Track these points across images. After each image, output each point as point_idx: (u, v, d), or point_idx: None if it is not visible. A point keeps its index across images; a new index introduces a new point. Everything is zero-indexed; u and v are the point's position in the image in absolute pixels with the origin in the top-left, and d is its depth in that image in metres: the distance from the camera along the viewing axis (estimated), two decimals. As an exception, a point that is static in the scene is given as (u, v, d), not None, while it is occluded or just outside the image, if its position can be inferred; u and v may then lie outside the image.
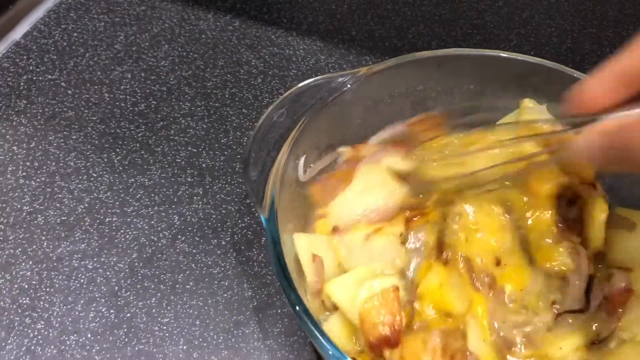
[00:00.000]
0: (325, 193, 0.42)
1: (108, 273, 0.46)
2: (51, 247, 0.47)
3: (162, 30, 0.63)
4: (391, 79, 0.46)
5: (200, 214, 0.50)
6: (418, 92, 0.48)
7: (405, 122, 0.45)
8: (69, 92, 0.57)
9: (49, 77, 0.58)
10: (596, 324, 0.38)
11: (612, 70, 0.30)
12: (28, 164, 0.52)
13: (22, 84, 0.57)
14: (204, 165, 0.52)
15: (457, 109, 0.47)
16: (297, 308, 0.34)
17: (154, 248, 0.48)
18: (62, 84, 0.58)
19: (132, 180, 0.52)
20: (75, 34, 0.61)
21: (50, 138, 0.54)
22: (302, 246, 0.39)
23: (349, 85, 0.44)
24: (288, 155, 0.40)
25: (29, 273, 0.46)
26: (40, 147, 0.53)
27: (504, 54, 0.47)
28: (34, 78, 0.58)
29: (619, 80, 0.30)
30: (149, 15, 0.64)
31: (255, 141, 0.41)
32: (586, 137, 0.30)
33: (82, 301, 0.45)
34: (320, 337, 0.33)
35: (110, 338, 0.43)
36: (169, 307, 0.45)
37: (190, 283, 0.46)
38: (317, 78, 0.44)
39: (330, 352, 0.33)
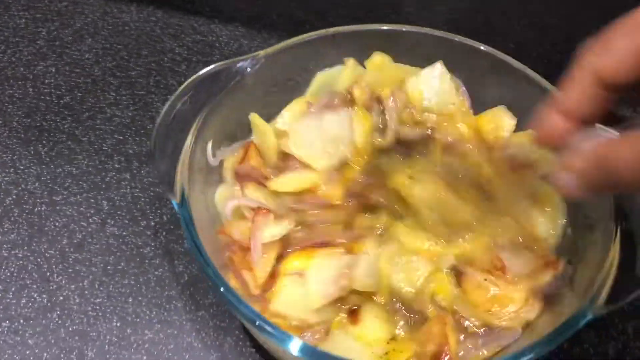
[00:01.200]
0: None
1: (39, 260, 0.47)
2: (-20, 239, 0.48)
3: (85, 24, 0.63)
4: (289, 60, 0.48)
5: (129, 197, 0.51)
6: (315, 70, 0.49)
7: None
8: (-8, 88, 0.57)
9: (-29, 75, 0.58)
10: None
11: (557, 110, 0.33)
12: (-48, 161, 0.52)
13: (-58, 83, 0.57)
14: (130, 151, 0.54)
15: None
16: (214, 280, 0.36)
17: (84, 233, 0.49)
18: (-16, 81, 0.58)
19: (60, 170, 0.52)
20: (-5, 32, 0.62)
21: (-26, 134, 0.54)
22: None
23: (248, 69, 0.45)
24: (194, 141, 0.41)
25: (-42, 266, 0.46)
26: (-36, 143, 0.53)
27: (399, 27, 0.49)
28: (-45, 77, 0.58)
29: (566, 117, 0.33)
30: (71, 10, 0.64)
31: (160, 130, 0.41)
32: (567, 175, 0.32)
33: (13, 289, 0.46)
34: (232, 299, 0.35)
35: (44, 322, 0.44)
36: (101, 288, 0.46)
37: (122, 264, 0.47)
38: (216, 64, 0.45)
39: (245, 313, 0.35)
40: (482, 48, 0.48)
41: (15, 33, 0.62)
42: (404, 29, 0.49)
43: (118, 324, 0.44)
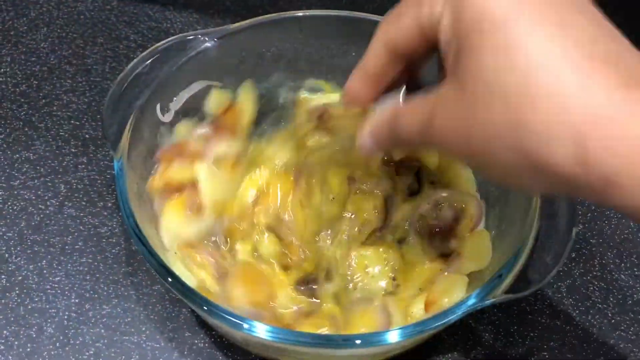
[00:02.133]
0: None
1: (-3, 242, 0.48)
2: (-62, 224, 0.49)
3: (40, 14, 0.64)
4: (254, 38, 0.49)
5: (86, 180, 0.52)
6: (281, 51, 0.51)
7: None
8: (-52, 78, 0.58)
9: None
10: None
11: (359, 75, 0.35)
12: None
13: None
14: (87, 136, 0.55)
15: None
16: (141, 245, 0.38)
17: (42, 216, 0.50)
18: (-60, 71, 0.58)
19: (17, 156, 0.53)
20: (-50, 23, 0.62)
21: None
22: None
23: (214, 41, 0.47)
24: (146, 102, 0.43)
25: None
26: None
27: (359, 15, 0.50)
28: None
29: (367, 82, 0.35)
30: (26, 0, 0.65)
31: (117, 90, 0.43)
32: (363, 134, 0.35)
33: (-28, 270, 0.47)
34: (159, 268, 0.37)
35: (3, 301, 0.46)
36: (59, 267, 0.47)
37: (80, 243, 0.49)
38: (181, 34, 0.46)
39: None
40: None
41: (-31, 24, 0.62)
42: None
43: (76, 301, 0.46)
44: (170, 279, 0.36)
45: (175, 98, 0.46)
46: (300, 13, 0.50)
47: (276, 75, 0.51)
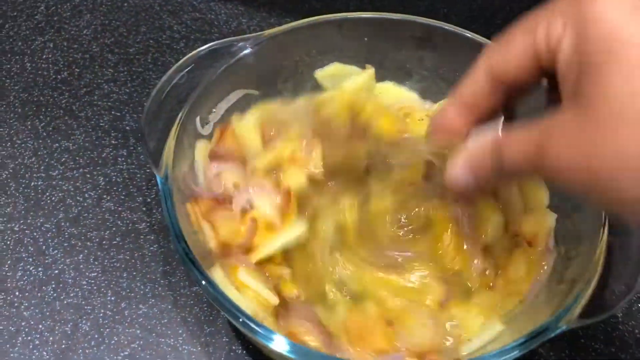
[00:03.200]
0: None
1: (35, 234, 0.47)
2: (-24, 212, 0.48)
3: (84, 0, 0.63)
4: (291, 43, 0.47)
5: (125, 174, 0.51)
6: (320, 55, 0.49)
7: None
8: (-10, 63, 0.57)
9: (-32, 49, 0.58)
10: None
11: (454, 103, 0.33)
12: (-51, 134, 0.52)
13: (-60, 56, 0.57)
14: (127, 128, 0.54)
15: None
16: (188, 259, 0.36)
17: (80, 208, 0.49)
18: (-18, 55, 0.58)
19: (57, 145, 0.52)
20: (-7, 6, 0.61)
21: (-29, 108, 0.54)
22: None
23: (250, 49, 0.45)
24: (186, 115, 0.41)
25: (-46, 238, 0.47)
26: (-39, 117, 0.53)
27: (400, 17, 0.48)
28: (-47, 50, 0.58)
29: (462, 111, 0.33)
30: (70, -15, 0.64)
31: (154, 103, 0.41)
32: (457, 168, 0.33)
33: (9, 262, 0.46)
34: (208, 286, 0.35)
35: (39, 294, 0.45)
36: (96, 262, 0.46)
37: (117, 239, 0.48)
38: (218, 41, 0.45)
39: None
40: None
41: (13, 7, 0.61)
42: (409, 19, 0.48)
43: (112, 298, 0.45)
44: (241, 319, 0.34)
45: (214, 110, 0.45)
46: (338, 16, 0.49)
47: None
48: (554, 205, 0.43)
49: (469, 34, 0.47)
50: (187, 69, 0.43)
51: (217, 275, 0.38)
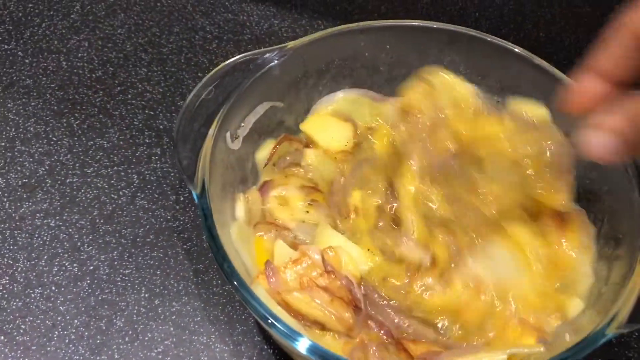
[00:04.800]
0: None
1: (70, 230, 0.48)
2: (13, 207, 0.49)
3: (118, 0, 0.64)
4: (316, 53, 0.47)
5: (159, 172, 0.52)
6: (344, 64, 0.49)
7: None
8: (27, 61, 0.58)
9: (6, 47, 0.59)
10: None
11: (593, 70, 0.31)
12: (-12, 130, 0.53)
13: (-22, 54, 0.58)
14: (161, 127, 0.54)
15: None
16: (232, 279, 0.36)
17: (114, 205, 0.50)
18: (19, 53, 0.59)
19: (92, 142, 0.53)
20: (30, 5, 0.62)
21: (9, 105, 0.55)
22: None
23: (275, 61, 0.45)
24: (217, 131, 0.41)
25: (-8, 233, 0.48)
26: (-1, 114, 0.54)
27: (424, 23, 0.48)
28: (-9, 48, 0.59)
29: (604, 78, 0.31)
30: (104, -15, 0.65)
31: (184, 119, 0.41)
32: (601, 135, 0.30)
33: (45, 257, 0.47)
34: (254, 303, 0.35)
35: (74, 290, 0.45)
36: (130, 259, 0.47)
37: (151, 236, 0.48)
38: (243, 54, 0.45)
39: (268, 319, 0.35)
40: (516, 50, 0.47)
41: (49, 7, 0.62)
42: (435, 26, 0.48)
43: (146, 295, 0.45)
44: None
45: (242, 124, 0.45)
46: (362, 25, 0.48)
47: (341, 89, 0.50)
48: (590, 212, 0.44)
49: (490, 38, 0.47)
50: (214, 84, 0.43)
51: (260, 292, 0.38)
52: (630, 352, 0.44)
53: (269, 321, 0.34)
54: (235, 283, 0.36)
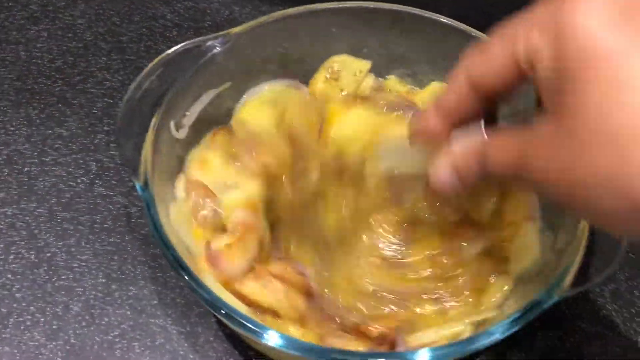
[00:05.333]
0: None
1: (27, 218, 0.48)
2: (-30, 197, 0.49)
3: (78, -10, 0.64)
4: (261, 39, 0.47)
5: (117, 159, 0.51)
6: (289, 51, 0.48)
7: None
8: (-16, 52, 0.58)
9: (-36, 38, 0.59)
10: None
11: (435, 109, 0.33)
12: (-55, 121, 0.53)
13: (-64, 46, 0.58)
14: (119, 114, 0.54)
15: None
16: (177, 268, 0.35)
17: (72, 193, 0.50)
18: (-23, 44, 0.58)
19: (50, 131, 0.53)
20: (-12, -4, 0.62)
21: (-34, 96, 0.55)
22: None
23: (218, 48, 0.44)
24: (160, 120, 0.40)
25: (-52, 222, 0.47)
26: (-44, 105, 0.54)
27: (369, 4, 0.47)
28: (-51, 40, 0.58)
29: (442, 116, 0.33)
30: (65, -24, 0.65)
31: (127, 111, 0.41)
32: (441, 170, 0.33)
33: (1, 245, 0.47)
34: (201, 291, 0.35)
35: (31, 277, 0.45)
36: (87, 246, 0.47)
37: (108, 222, 0.48)
38: (186, 43, 0.44)
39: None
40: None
41: (8, -2, 0.62)
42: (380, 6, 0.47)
43: (103, 280, 0.45)
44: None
45: (187, 112, 0.44)
46: (301, 9, 0.47)
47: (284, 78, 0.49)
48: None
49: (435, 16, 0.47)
50: (156, 73, 0.42)
51: (208, 279, 0.38)
52: (584, 322, 0.45)
53: (224, 312, 0.34)
54: (185, 276, 0.35)
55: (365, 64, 0.49)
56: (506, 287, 0.39)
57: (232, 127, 0.46)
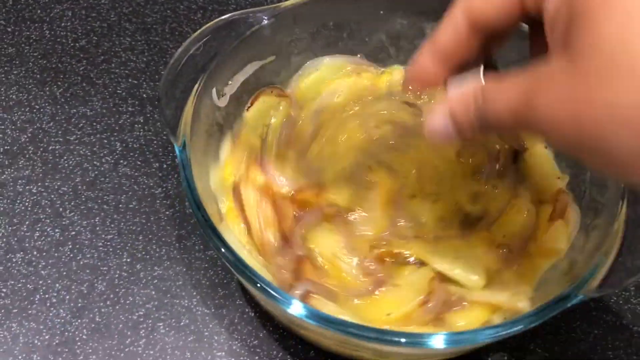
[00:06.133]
0: None
1: (52, 196, 0.48)
2: (-5, 174, 0.49)
3: (102, -30, 0.63)
4: (308, 15, 0.47)
5: (142, 140, 0.51)
6: (333, 28, 0.48)
7: None
8: (9, 29, 0.58)
9: (-12, 15, 0.58)
10: None
11: (429, 51, 0.32)
12: (-31, 98, 0.53)
13: (-40, 22, 0.58)
14: (144, 95, 0.54)
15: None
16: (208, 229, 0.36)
17: (96, 172, 0.49)
18: (2, 22, 0.58)
19: (74, 110, 0.53)
20: (13, -26, 0.62)
21: (-9, 73, 0.55)
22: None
23: (266, 20, 0.45)
24: (203, 86, 0.41)
25: (-27, 198, 0.47)
26: (-19, 82, 0.54)
27: None
28: (-27, 17, 0.58)
29: (438, 59, 0.31)
30: (88, -45, 0.64)
31: (171, 73, 0.41)
32: (437, 118, 0.30)
33: (27, 222, 0.47)
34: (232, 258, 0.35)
35: (56, 254, 0.45)
36: (112, 225, 0.47)
37: (133, 203, 0.48)
38: (234, 13, 0.44)
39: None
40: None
41: (32, -24, 0.62)
42: None
43: (128, 260, 0.45)
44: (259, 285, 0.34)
45: (230, 82, 0.44)
46: None
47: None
48: (572, 181, 0.44)
49: None
50: (204, 40, 0.43)
51: (232, 240, 0.38)
52: (609, 315, 0.44)
53: (247, 275, 0.34)
54: (210, 231, 0.35)
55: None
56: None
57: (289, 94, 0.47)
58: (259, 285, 0.34)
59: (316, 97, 0.47)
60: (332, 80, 0.48)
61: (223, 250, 0.35)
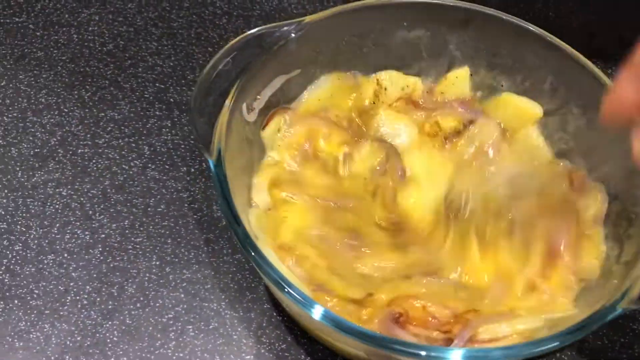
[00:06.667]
0: None
1: (82, 199, 0.49)
2: (26, 176, 0.49)
3: (128, -26, 0.64)
4: (333, 28, 0.47)
5: (170, 144, 0.52)
6: (360, 42, 0.49)
7: None
8: (38, 33, 0.58)
9: (17, 19, 0.59)
10: None
11: (629, 77, 0.29)
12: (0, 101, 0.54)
13: (-10, 26, 0.58)
14: (171, 99, 0.55)
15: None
16: (245, 244, 0.36)
17: (125, 176, 0.50)
18: (30, 26, 0.59)
19: (103, 114, 0.53)
20: (41, -22, 0.62)
21: (20, 77, 0.55)
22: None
23: (292, 35, 0.45)
24: (234, 102, 0.41)
25: (4, 200, 0.48)
26: (11, 85, 0.55)
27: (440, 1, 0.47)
28: (2, 21, 0.59)
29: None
30: (115, -40, 0.65)
31: (201, 89, 0.41)
32: None
33: (57, 225, 0.47)
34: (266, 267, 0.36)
35: (86, 257, 0.46)
36: (141, 228, 0.47)
37: (162, 206, 0.49)
38: (261, 27, 0.45)
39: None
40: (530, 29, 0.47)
41: (60, -20, 0.63)
42: (451, 4, 0.47)
43: (157, 263, 0.46)
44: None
45: (258, 97, 0.45)
46: (378, 1, 0.48)
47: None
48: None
49: (505, 16, 0.47)
50: (231, 56, 0.43)
51: (270, 255, 0.38)
52: (636, 324, 0.45)
53: (283, 287, 0.35)
54: (249, 249, 0.36)
55: (415, 80, 0.50)
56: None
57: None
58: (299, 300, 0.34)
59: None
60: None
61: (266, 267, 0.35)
